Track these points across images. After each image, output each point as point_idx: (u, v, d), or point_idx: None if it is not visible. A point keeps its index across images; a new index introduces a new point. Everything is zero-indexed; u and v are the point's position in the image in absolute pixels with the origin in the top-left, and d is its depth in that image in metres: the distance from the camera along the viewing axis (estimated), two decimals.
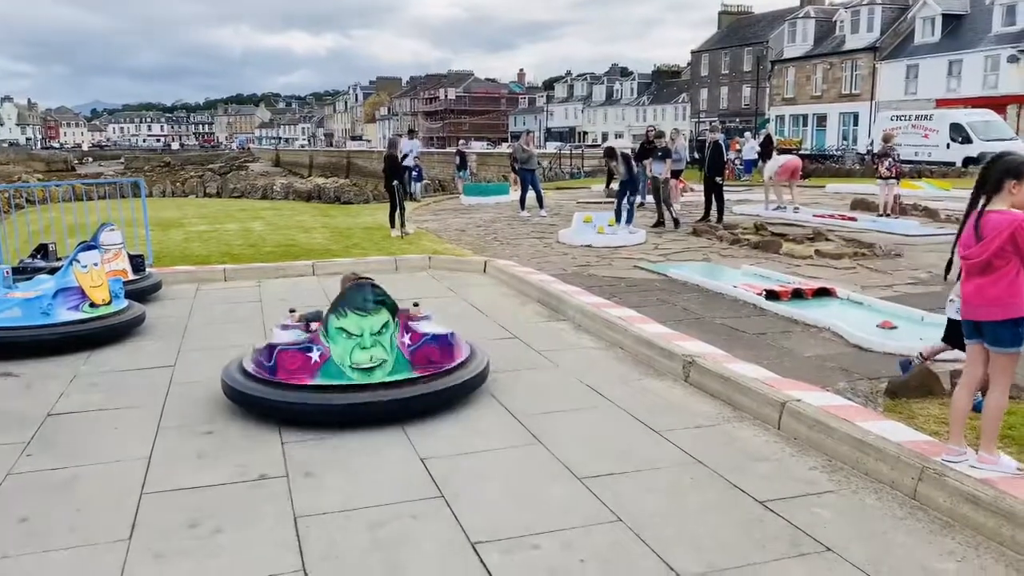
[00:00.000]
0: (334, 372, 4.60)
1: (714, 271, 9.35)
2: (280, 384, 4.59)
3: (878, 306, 7.20)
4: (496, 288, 8.83)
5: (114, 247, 7.91)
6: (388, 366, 4.68)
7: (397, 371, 4.70)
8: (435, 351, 4.85)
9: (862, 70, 45.13)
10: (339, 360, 4.62)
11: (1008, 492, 3.23)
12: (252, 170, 71.89)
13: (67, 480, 3.90)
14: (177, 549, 3.22)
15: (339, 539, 3.28)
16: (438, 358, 4.85)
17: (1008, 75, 36.99)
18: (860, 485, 3.72)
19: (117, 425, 4.66)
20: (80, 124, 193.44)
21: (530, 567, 3.06)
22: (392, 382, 4.64)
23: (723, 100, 58.49)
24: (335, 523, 3.42)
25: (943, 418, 4.29)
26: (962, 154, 29.65)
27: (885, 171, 15.04)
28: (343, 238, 12.56)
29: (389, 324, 4.75)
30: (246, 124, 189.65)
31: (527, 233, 13.35)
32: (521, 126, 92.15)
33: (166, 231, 13.44)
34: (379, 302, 4.73)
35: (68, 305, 6.37)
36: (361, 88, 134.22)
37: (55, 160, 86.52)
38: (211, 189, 24.84)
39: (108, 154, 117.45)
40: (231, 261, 10.16)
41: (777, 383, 4.75)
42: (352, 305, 4.68)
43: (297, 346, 4.66)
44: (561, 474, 3.91)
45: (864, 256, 10.16)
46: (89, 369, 5.82)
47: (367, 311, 4.69)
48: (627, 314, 6.71)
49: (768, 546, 3.19)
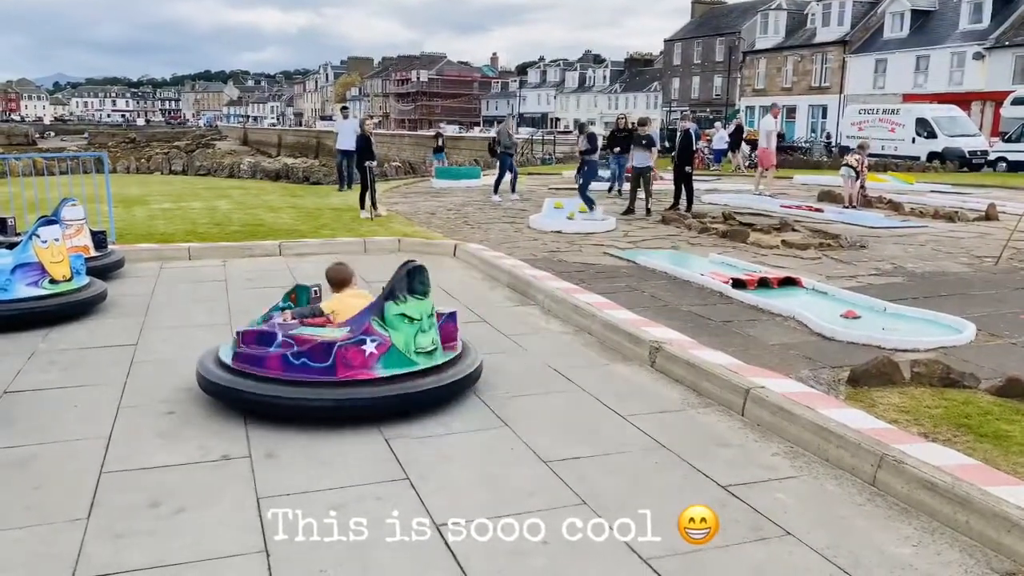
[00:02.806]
0: (396, 360, 4.37)
1: (682, 259, 9.41)
2: (346, 383, 4.24)
3: (842, 296, 7.30)
4: (466, 272, 8.81)
5: (76, 223, 7.74)
6: (440, 349, 4.66)
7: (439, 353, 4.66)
8: (452, 329, 4.82)
9: (832, 63, 45.58)
10: (404, 347, 4.40)
11: (964, 479, 3.30)
12: (219, 148, 70.87)
13: (24, 458, 3.83)
14: (137, 529, 3.18)
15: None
16: (454, 337, 4.83)
17: (974, 72, 37.60)
18: (821, 471, 3.78)
19: (76, 403, 4.58)
20: (42, 97, 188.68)
21: (495, 549, 3.06)
22: (445, 363, 4.59)
23: (695, 90, 58.71)
24: (298, 504, 3.38)
25: (903, 406, 4.37)
26: (927, 149, 30.12)
27: (853, 161, 15.29)
28: (311, 219, 12.42)
29: (433, 307, 4.69)
30: (214, 101, 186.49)
31: (498, 218, 13.32)
32: (494, 110, 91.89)
33: (129, 208, 13.20)
34: (427, 284, 4.62)
35: (27, 281, 6.23)
36: (332, 68, 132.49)
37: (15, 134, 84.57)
38: (177, 167, 24.36)
39: (71, 128, 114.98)
40: (196, 239, 10.01)
41: (742, 370, 4.80)
42: (411, 290, 4.50)
43: (350, 341, 4.30)
44: (527, 457, 3.92)
45: (830, 247, 10.29)
46: (48, 346, 5.70)
47: (424, 294, 4.57)
48: (595, 300, 6.74)
49: (730, 530, 3.22)
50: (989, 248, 10.29)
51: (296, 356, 4.27)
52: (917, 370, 4.78)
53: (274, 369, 4.29)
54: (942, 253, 10.09)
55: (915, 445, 3.69)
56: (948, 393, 4.57)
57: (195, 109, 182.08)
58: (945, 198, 17.30)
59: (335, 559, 2.98)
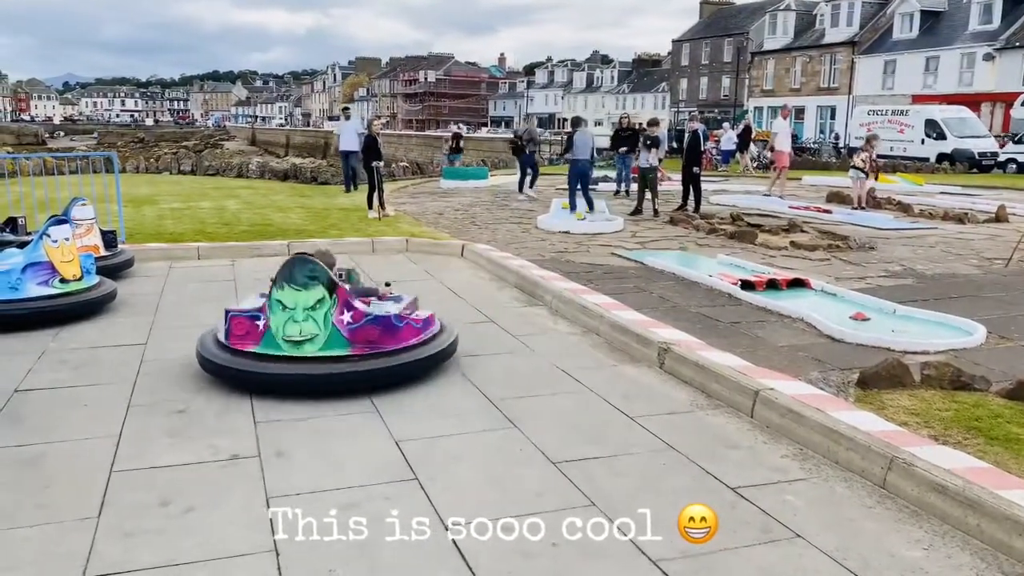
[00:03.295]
0: (268, 342, 4.79)
1: (690, 260, 9.39)
2: (229, 348, 4.83)
3: (851, 298, 7.28)
4: (473, 272, 8.81)
5: (86, 222, 7.78)
6: (319, 341, 4.74)
7: (331, 347, 4.75)
8: (375, 332, 4.84)
9: (840, 64, 45.45)
10: (274, 330, 4.77)
11: (975, 482, 3.29)
12: (227, 148, 70.99)
13: (35, 457, 3.84)
14: (147, 528, 3.19)
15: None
16: (377, 338, 4.84)
17: (984, 73, 37.45)
18: (831, 474, 3.77)
19: (87, 402, 4.60)
20: (52, 97, 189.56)
21: (503, 550, 3.06)
22: (322, 357, 4.72)
23: (703, 90, 58.62)
24: (307, 503, 3.39)
25: (913, 409, 4.35)
26: (936, 150, 30.01)
27: (860, 162, 15.20)
28: (320, 219, 12.45)
29: (324, 300, 4.77)
30: (222, 101, 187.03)
31: (505, 218, 13.32)
32: (501, 111, 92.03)
33: (139, 208, 13.25)
34: (313, 278, 4.76)
35: (38, 280, 6.26)
36: (340, 68, 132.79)
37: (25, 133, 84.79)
38: (185, 166, 24.41)
39: (80, 128, 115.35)
40: (205, 239, 10.04)
41: (750, 372, 4.79)
42: (288, 279, 4.77)
43: (246, 313, 4.88)
44: (535, 458, 3.92)
45: (838, 248, 10.26)
46: (58, 345, 5.73)
47: (302, 286, 4.75)
48: (603, 300, 6.73)
49: (739, 532, 3.22)
50: (999, 250, 10.23)
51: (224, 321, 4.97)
52: (927, 372, 4.76)
53: None
54: (952, 255, 10.04)
55: (925, 448, 3.67)
56: (958, 396, 4.55)
57: (204, 109, 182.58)
58: (955, 200, 17.24)
59: (344, 558, 2.99)
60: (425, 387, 4.88)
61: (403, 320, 4.99)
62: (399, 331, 4.93)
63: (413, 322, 5.04)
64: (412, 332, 5.01)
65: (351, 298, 4.87)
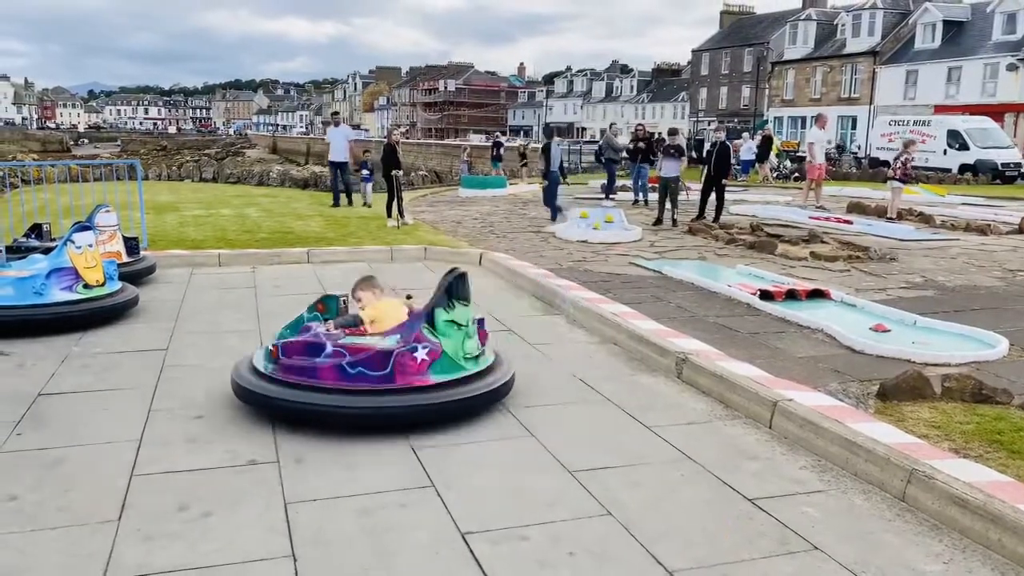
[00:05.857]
0: (447, 366, 4.42)
1: (709, 270, 9.36)
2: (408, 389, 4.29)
3: (872, 309, 7.22)
4: (491, 280, 8.83)
5: (109, 228, 7.88)
6: (484, 354, 4.71)
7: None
8: (484, 334, 4.82)
9: (862, 74, 45.19)
10: (454, 353, 4.46)
11: (996, 496, 3.25)
12: (249, 156, 71.74)
13: (57, 460, 3.89)
14: (167, 532, 3.22)
15: (328, 525, 3.28)
16: (484, 341, 4.82)
17: (1007, 83, 37.09)
18: (849, 486, 3.74)
19: (108, 406, 4.65)
20: (77, 105, 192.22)
21: (519, 559, 3.07)
22: (487, 368, 4.65)
23: (722, 100, 58.48)
24: (324, 509, 3.42)
25: (934, 421, 4.31)
26: (958, 161, 29.72)
27: (896, 171, 15.08)
28: (339, 226, 12.53)
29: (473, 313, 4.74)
30: (244, 110, 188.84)
31: (523, 227, 13.34)
32: (520, 120, 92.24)
33: (161, 214, 13.40)
34: (470, 291, 4.70)
35: (62, 285, 6.34)
36: (360, 77, 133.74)
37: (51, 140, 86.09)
38: (207, 174, 24.66)
39: (104, 136, 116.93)
40: (226, 246, 10.13)
41: (769, 382, 4.76)
42: (458, 296, 4.59)
43: (406, 348, 4.33)
44: (552, 467, 3.92)
45: (859, 259, 10.18)
46: (81, 350, 5.80)
47: (469, 300, 4.66)
48: (621, 310, 6.72)
49: (756, 543, 3.20)
50: (1022, 262, 10.12)
51: (352, 365, 4.27)
52: (948, 385, 4.71)
53: (329, 379, 4.26)
54: (974, 266, 9.95)
55: (946, 461, 3.63)
56: (980, 409, 4.51)
57: (225, 117, 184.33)
58: (977, 211, 17.07)
59: (360, 564, 3.00)
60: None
61: None
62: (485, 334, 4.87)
63: None
64: None
65: None
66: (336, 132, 16.38)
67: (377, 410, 4.22)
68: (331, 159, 16.28)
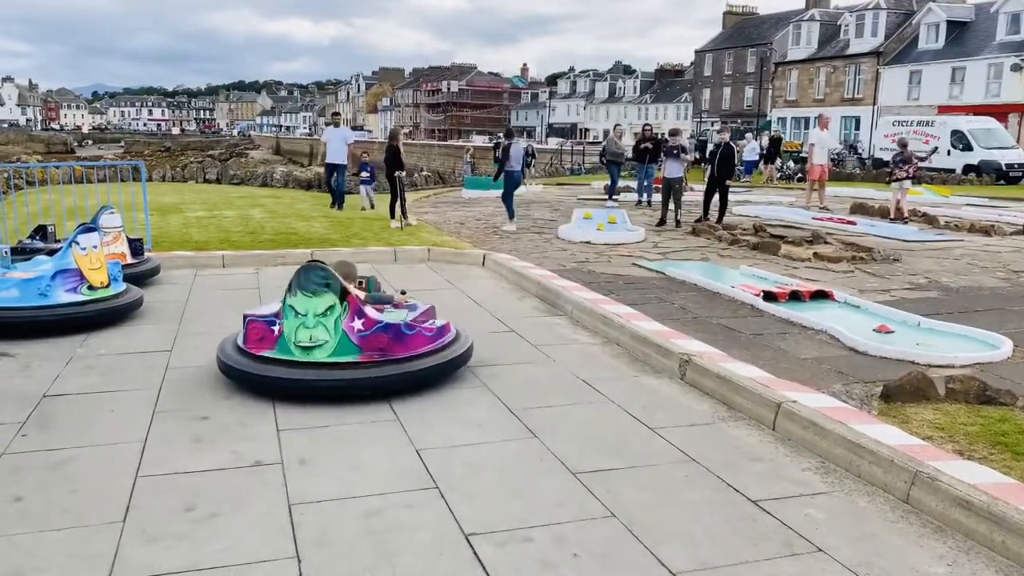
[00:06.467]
0: (284, 347, 4.84)
1: (712, 271, 9.36)
2: (246, 353, 4.91)
3: (875, 310, 7.22)
4: (494, 281, 8.84)
5: (113, 230, 7.89)
6: (329, 348, 4.79)
7: (341, 354, 4.79)
8: (385, 339, 4.87)
9: (865, 74, 45.14)
10: (287, 336, 4.83)
11: (1000, 498, 3.25)
12: (252, 157, 71.80)
13: (62, 461, 3.91)
14: (172, 532, 3.23)
15: (333, 526, 3.29)
16: (387, 346, 4.87)
17: (1010, 83, 37.03)
18: (853, 487, 3.74)
19: (113, 408, 4.66)
20: (81, 106, 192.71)
21: (523, 560, 3.07)
22: (331, 363, 4.76)
23: (725, 100, 58.44)
24: (329, 510, 3.43)
25: (937, 423, 4.31)
26: (962, 161, 29.67)
27: (901, 173, 15.07)
28: (343, 228, 12.54)
29: (335, 307, 4.82)
30: (247, 111, 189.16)
31: (526, 228, 13.34)
32: (523, 121, 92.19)
33: (165, 216, 13.42)
34: (325, 285, 4.82)
35: (66, 287, 6.36)
36: (364, 78, 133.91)
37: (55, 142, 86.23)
38: (211, 175, 24.69)
39: (108, 137, 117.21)
40: (230, 247, 10.15)
41: (773, 384, 4.76)
42: (300, 285, 4.84)
43: (263, 317, 4.97)
44: (555, 468, 3.92)
45: (862, 260, 10.18)
46: (86, 351, 5.81)
47: (312, 292, 4.82)
48: (624, 311, 6.72)
49: (760, 545, 3.20)
50: None
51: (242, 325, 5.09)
52: (952, 386, 4.71)
53: None
54: (978, 267, 9.93)
55: (950, 462, 3.63)
56: (984, 410, 4.50)
57: (229, 118, 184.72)
58: (981, 211, 17.04)
59: (365, 566, 3.01)
60: (445, 396, 4.91)
61: (413, 328, 5.01)
62: (410, 339, 4.97)
63: (424, 330, 5.07)
64: (424, 340, 5.04)
65: (363, 305, 4.90)
66: (334, 133, 16.10)
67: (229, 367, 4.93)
68: (328, 160, 16.07)
